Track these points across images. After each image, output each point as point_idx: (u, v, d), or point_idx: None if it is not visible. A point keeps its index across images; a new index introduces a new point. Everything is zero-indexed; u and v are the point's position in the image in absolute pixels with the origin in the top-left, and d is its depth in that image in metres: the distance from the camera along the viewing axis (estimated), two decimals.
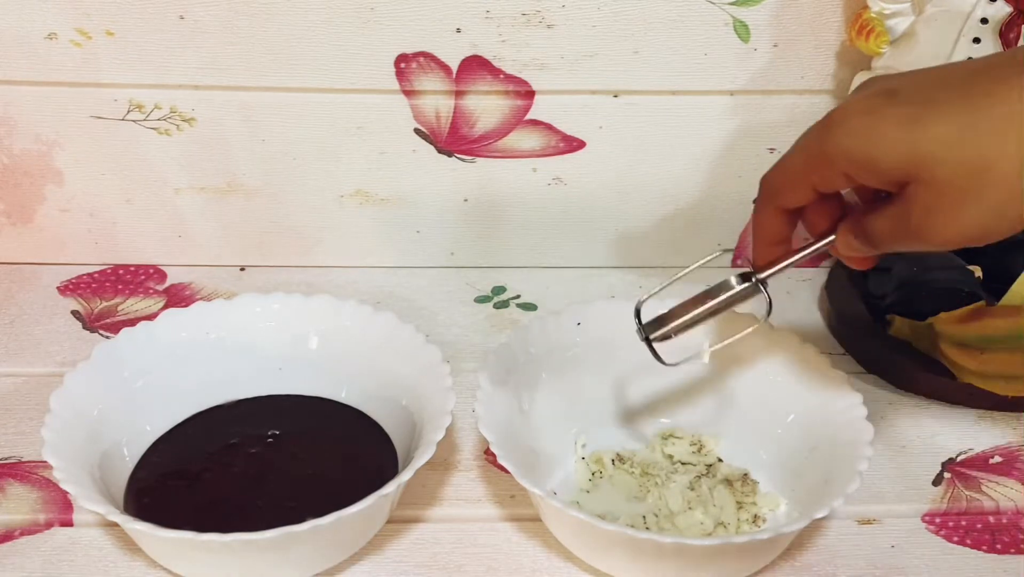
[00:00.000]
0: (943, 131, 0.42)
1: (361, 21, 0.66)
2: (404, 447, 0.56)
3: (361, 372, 0.60)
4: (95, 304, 0.72)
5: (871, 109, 0.44)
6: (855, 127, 0.44)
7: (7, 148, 0.70)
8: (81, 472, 0.51)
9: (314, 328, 0.61)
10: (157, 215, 0.73)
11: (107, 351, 0.57)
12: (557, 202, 0.73)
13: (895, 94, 0.44)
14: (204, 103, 0.69)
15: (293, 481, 0.56)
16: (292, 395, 0.61)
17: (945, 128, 0.42)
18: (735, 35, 0.67)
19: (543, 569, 0.53)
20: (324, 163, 0.71)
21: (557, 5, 0.66)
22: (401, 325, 0.59)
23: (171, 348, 0.59)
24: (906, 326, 0.65)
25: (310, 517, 0.47)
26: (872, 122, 0.44)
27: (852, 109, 0.44)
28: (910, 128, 0.43)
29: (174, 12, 0.65)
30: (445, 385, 0.55)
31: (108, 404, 0.56)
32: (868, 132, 0.44)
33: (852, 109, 0.44)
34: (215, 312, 0.61)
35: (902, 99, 0.44)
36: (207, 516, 0.52)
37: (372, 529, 0.53)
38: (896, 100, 0.44)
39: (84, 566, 0.53)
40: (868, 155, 0.44)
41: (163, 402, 0.58)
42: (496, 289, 0.74)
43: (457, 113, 0.69)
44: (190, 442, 0.58)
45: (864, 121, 0.44)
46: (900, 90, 0.44)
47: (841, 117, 0.45)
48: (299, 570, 0.52)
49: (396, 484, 0.50)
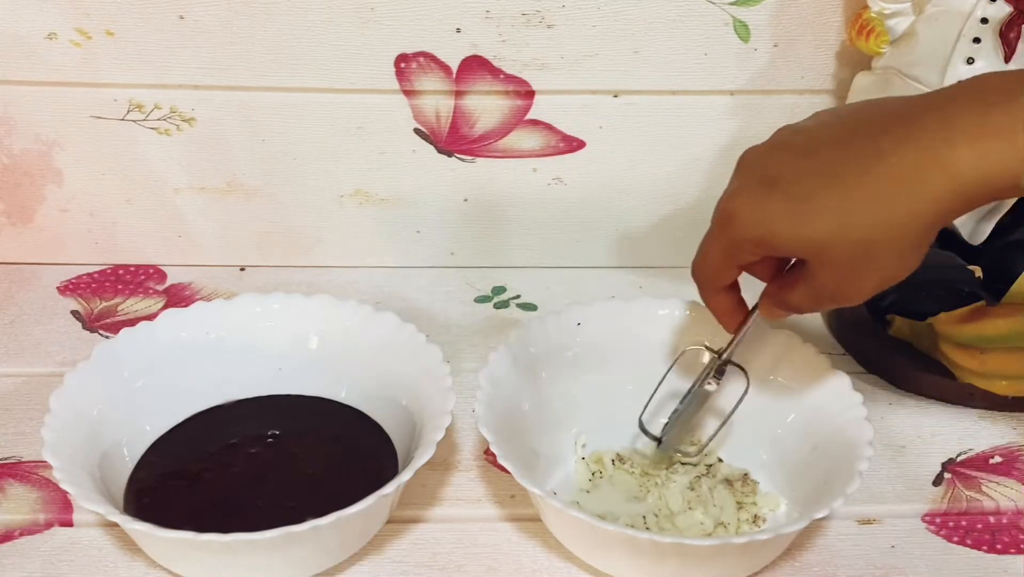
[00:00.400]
0: (825, 227, 0.46)
1: (361, 21, 0.66)
2: (404, 447, 0.56)
3: (361, 372, 0.60)
4: (95, 304, 0.72)
5: (758, 202, 0.48)
6: (748, 221, 0.48)
7: (7, 148, 0.70)
8: (81, 472, 0.51)
9: (314, 328, 0.61)
10: (157, 215, 0.73)
11: (107, 351, 0.57)
12: (557, 202, 0.73)
13: (775, 185, 0.48)
14: (204, 103, 0.69)
15: (293, 481, 0.55)
16: (292, 395, 0.61)
17: (826, 224, 0.46)
18: (735, 35, 0.67)
19: (543, 569, 0.53)
20: (324, 163, 0.71)
21: (557, 5, 0.66)
22: (401, 325, 0.59)
23: (171, 348, 0.59)
24: (906, 326, 0.65)
25: (310, 517, 0.47)
26: (762, 217, 0.48)
27: (741, 203, 0.48)
28: (797, 225, 0.47)
29: (174, 12, 0.65)
30: (445, 385, 0.55)
31: (108, 404, 0.56)
32: (761, 225, 0.48)
33: (741, 203, 0.48)
34: (215, 312, 0.61)
35: (783, 193, 0.47)
36: (207, 516, 0.52)
37: (372, 529, 0.53)
38: (777, 193, 0.47)
39: (84, 566, 0.53)
40: (768, 242, 0.48)
41: (163, 402, 0.58)
42: (496, 289, 0.74)
43: (457, 113, 0.69)
44: (190, 442, 0.58)
45: (755, 215, 0.48)
46: (780, 180, 0.48)
47: (734, 210, 0.49)
48: (299, 570, 0.52)
49: (396, 484, 0.50)
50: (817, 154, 0.47)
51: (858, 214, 0.46)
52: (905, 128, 0.45)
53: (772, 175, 0.48)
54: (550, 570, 0.53)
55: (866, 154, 0.46)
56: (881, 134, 0.46)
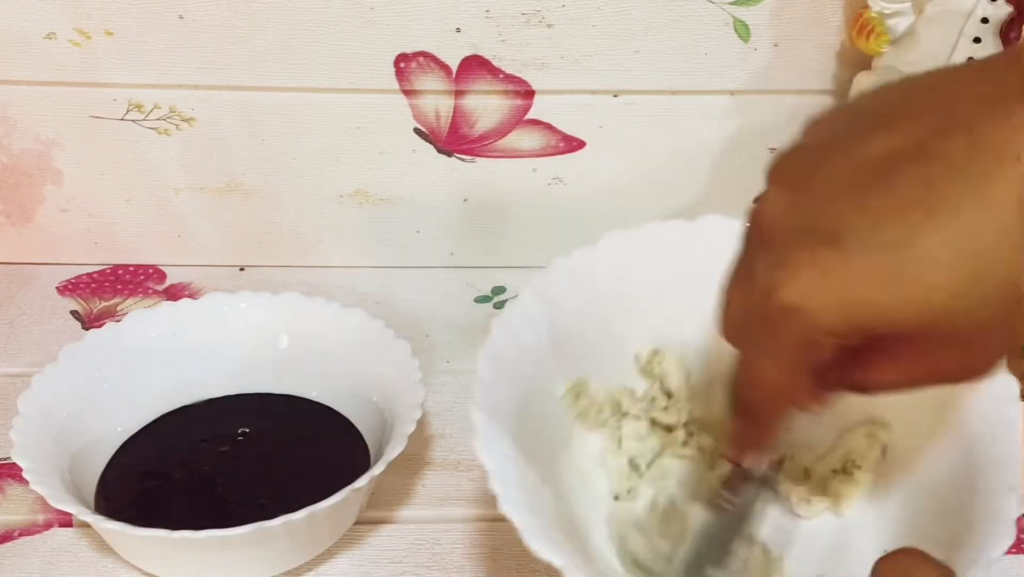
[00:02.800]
0: (945, 278, 0.32)
1: (361, 21, 0.66)
2: (376, 443, 0.56)
3: (331, 369, 0.60)
4: (94, 304, 0.72)
5: (828, 273, 0.33)
6: (824, 303, 0.34)
7: (6, 148, 0.70)
8: (52, 473, 0.51)
9: (283, 326, 0.61)
10: (156, 215, 0.73)
11: (74, 353, 0.57)
12: (557, 202, 0.73)
13: (839, 240, 0.33)
14: (204, 103, 0.68)
15: (264, 479, 0.56)
16: (262, 393, 0.61)
17: (945, 274, 0.32)
18: (735, 35, 0.67)
19: (543, 569, 0.53)
20: (324, 163, 0.71)
21: (557, 5, 0.65)
22: (370, 321, 0.60)
23: (139, 348, 0.59)
24: None
25: (282, 514, 0.47)
26: (843, 290, 0.33)
27: (802, 283, 0.34)
28: (901, 283, 0.33)
29: (174, 12, 0.65)
30: (414, 379, 0.55)
31: (77, 405, 0.56)
32: (846, 305, 0.33)
33: (802, 283, 0.34)
34: (182, 312, 0.61)
35: (859, 246, 0.33)
36: (179, 515, 0.52)
37: (344, 525, 0.54)
38: (850, 249, 0.33)
39: (84, 567, 0.53)
40: (859, 322, 0.34)
41: (132, 402, 0.58)
42: (496, 289, 0.74)
43: (457, 113, 0.69)
44: (160, 442, 0.58)
45: (831, 293, 0.33)
46: (845, 230, 0.33)
47: (794, 298, 0.34)
48: (272, 566, 0.52)
49: (368, 478, 0.50)
50: (890, 176, 0.33)
51: (994, 248, 0.32)
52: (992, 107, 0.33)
53: (830, 227, 0.34)
54: (550, 570, 0.53)
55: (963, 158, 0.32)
56: (973, 122, 0.32)
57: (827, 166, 0.35)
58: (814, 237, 0.34)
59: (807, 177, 0.35)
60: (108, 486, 0.55)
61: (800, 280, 0.34)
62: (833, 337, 0.34)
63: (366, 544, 0.54)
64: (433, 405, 0.62)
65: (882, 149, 0.34)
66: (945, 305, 0.32)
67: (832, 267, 0.33)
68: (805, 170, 0.36)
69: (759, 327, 0.35)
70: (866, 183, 0.33)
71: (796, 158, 0.37)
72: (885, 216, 0.33)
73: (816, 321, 0.34)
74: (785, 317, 0.34)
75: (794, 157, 0.37)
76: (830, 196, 0.34)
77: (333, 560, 0.53)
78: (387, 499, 0.57)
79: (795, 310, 0.34)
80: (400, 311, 0.60)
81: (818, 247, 0.33)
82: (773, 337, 0.35)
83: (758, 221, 0.36)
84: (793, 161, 0.37)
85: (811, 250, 0.34)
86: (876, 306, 0.33)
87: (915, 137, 0.33)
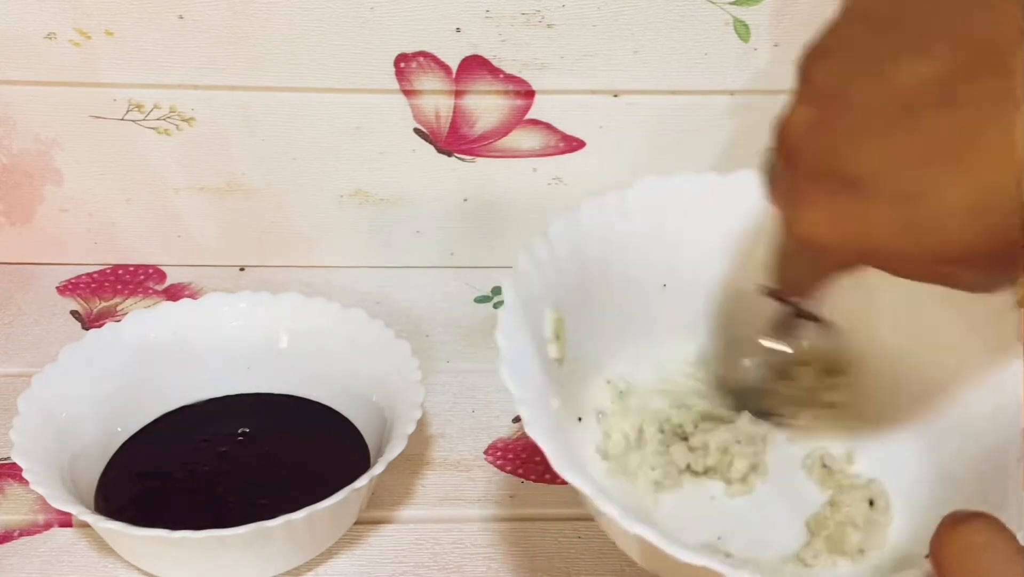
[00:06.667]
0: (960, 226, 0.32)
1: (361, 21, 0.66)
2: (376, 443, 0.56)
3: (331, 369, 0.60)
4: (94, 304, 0.72)
5: (842, 216, 0.34)
6: (840, 238, 0.34)
7: (6, 148, 0.70)
8: (52, 473, 0.51)
9: (283, 326, 0.61)
10: (156, 215, 0.73)
11: (74, 353, 0.57)
12: (557, 202, 0.73)
13: (859, 185, 0.33)
14: (204, 103, 0.69)
15: (264, 479, 0.56)
16: (262, 393, 0.61)
17: (960, 222, 0.32)
18: (735, 35, 0.67)
19: (543, 569, 0.53)
20: (324, 163, 0.71)
21: (557, 5, 0.65)
22: (370, 321, 0.60)
23: (139, 349, 0.59)
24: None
25: (282, 514, 0.47)
26: (856, 234, 0.34)
27: (817, 221, 0.35)
28: (913, 235, 0.33)
29: (173, 12, 0.65)
30: (414, 379, 0.55)
31: (76, 406, 0.56)
32: (859, 242, 0.34)
33: (817, 221, 0.35)
34: (182, 312, 0.61)
35: (876, 193, 0.33)
36: (179, 515, 0.52)
37: (344, 525, 0.54)
38: (867, 196, 0.33)
39: (84, 567, 0.53)
40: (872, 259, 0.35)
41: (132, 403, 0.58)
42: (496, 289, 0.74)
43: (457, 113, 0.69)
44: (160, 442, 0.58)
45: (845, 233, 0.34)
46: (863, 177, 0.33)
47: (810, 232, 0.35)
48: (272, 566, 0.52)
49: (368, 478, 0.50)
50: (918, 115, 0.32)
51: (1012, 200, 0.31)
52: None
53: (850, 169, 0.34)
54: (549, 571, 0.53)
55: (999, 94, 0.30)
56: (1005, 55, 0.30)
57: (856, 85, 0.34)
58: (833, 179, 0.34)
59: (835, 94, 0.35)
60: (108, 486, 0.55)
61: (815, 217, 0.35)
62: (851, 263, 0.37)
63: (366, 544, 0.55)
64: (433, 405, 0.62)
65: (914, 78, 0.33)
66: (959, 256, 0.32)
67: (848, 212, 0.34)
68: (836, 81, 0.35)
69: (787, 240, 0.38)
70: (893, 118, 0.33)
71: (831, 54, 0.36)
72: (907, 161, 0.32)
73: (829, 251, 0.35)
74: (806, 242, 0.36)
75: (829, 51, 0.36)
76: (854, 129, 0.34)
77: (333, 560, 0.53)
78: (387, 499, 0.57)
79: (809, 240, 0.35)
80: (400, 311, 0.60)
81: (836, 190, 0.34)
82: (797, 248, 0.37)
83: (784, 133, 0.37)
84: (827, 59, 0.36)
85: (829, 191, 0.34)
86: (889, 252, 0.33)
87: (948, 70, 0.32)
